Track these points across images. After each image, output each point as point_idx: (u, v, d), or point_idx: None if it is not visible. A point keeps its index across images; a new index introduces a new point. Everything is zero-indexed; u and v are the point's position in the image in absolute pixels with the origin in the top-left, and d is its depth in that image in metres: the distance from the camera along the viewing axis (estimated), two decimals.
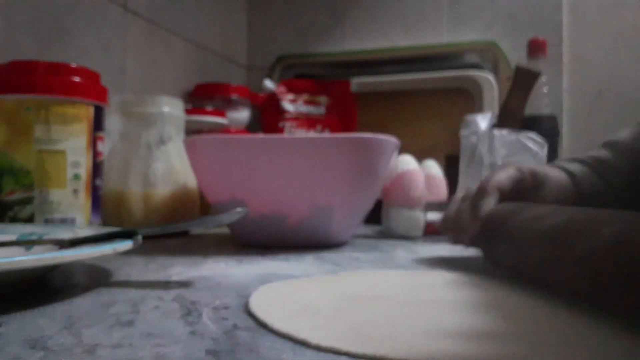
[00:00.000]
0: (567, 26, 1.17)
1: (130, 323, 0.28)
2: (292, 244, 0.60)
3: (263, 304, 0.31)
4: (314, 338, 0.25)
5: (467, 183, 0.67)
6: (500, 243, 0.41)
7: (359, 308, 0.30)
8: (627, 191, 0.52)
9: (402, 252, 0.58)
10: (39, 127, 0.56)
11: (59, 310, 0.31)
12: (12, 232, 0.46)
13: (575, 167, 0.52)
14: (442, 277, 0.41)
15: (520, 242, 0.38)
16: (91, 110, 0.60)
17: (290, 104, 1.21)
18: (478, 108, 1.09)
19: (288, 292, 0.35)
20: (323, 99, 1.22)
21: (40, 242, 0.43)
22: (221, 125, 0.99)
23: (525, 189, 0.48)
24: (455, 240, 0.49)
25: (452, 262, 0.50)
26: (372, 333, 0.26)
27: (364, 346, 0.23)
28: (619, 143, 0.54)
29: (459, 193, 0.67)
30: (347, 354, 0.23)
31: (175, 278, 0.41)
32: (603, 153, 0.55)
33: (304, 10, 1.35)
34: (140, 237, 0.40)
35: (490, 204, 0.45)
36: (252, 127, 1.20)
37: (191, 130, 0.87)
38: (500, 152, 0.66)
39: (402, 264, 0.49)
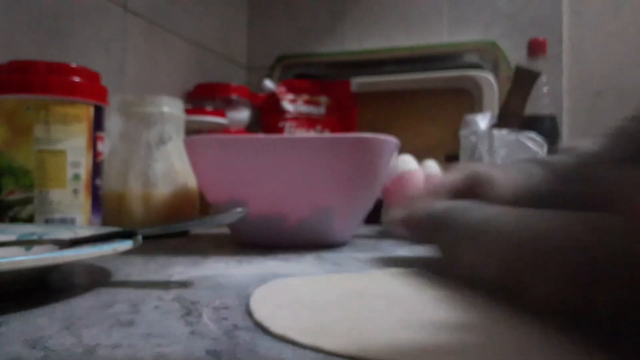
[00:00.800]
0: (567, 26, 1.17)
1: (130, 323, 0.28)
2: (292, 244, 0.60)
3: (263, 306, 0.31)
4: (313, 340, 0.25)
5: None
6: (443, 239, 0.41)
7: (358, 306, 0.30)
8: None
9: (403, 252, 0.58)
10: (38, 127, 0.56)
11: (59, 310, 0.31)
12: (12, 232, 0.46)
13: (529, 167, 0.52)
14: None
15: (471, 234, 0.37)
16: (91, 110, 0.60)
17: (290, 104, 1.21)
18: (478, 108, 1.09)
19: (289, 292, 0.35)
20: (323, 99, 1.22)
21: (40, 242, 0.43)
22: (221, 125, 0.99)
23: (472, 188, 0.48)
24: (412, 239, 0.49)
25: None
26: (368, 336, 0.25)
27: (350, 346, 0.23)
28: (574, 151, 0.54)
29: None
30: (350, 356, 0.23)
31: (175, 278, 0.41)
32: (563, 157, 0.54)
33: (304, 10, 1.35)
34: (140, 237, 0.40)
35: (440, 204, 0.45)
36: (252, 127, 1.20)
37: (191, 130, 0.87)
38: (500, 152, 0.66)
39: (403, 264, 0.49)
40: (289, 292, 0.35)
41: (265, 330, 0.27)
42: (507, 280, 0.33)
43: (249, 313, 0.30)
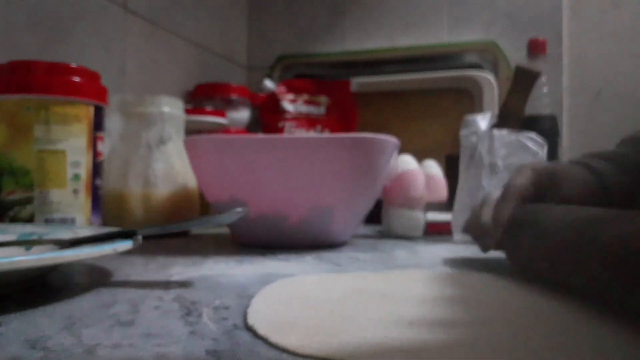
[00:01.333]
0: (567, 26, 1.17)
1: (130, 323, 0.28)
2: (292, 244, 0.60)
3: (262, 315, 0.31)
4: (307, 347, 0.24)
5: (467, 183, 0.67)
6: (521, 242, 0.41)
7: (356, 305, 0.30)
8: None
9: (402, 252, 0.58)
10: (38, 127, 0.56)
11: (59, 310, 0.31)
12: (12, 232, 0.46)
13: (598, 163, 0.52)
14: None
15: (541, 232, 0.38)
16: (91, 110, 0.60)
17: (290, 104, 1.21)
18: (478, 108, 1.09)
19: (290, 294, 0.35)
20: (323, 99, 1.22)
21: (40, 242, 0.43)
22: (221, 125, 0.99)
23: (542, 190, 0.48)
24: (481, 246, 0.49)
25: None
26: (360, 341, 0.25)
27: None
28: (637, 138, 0.54)
29: (460, 195, 0.67)
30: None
31: (175, 278, 0.41)
32: (623, 149, 0.54)
33: (304, 10, 1.35)
34: (140, 237, 0.40)
35: (510, 209, 0.45)
36: (252, 127, 1.20)
37: (191, 130, 0.87)
38: (500, 152, 0.66)
39: (402, 264, 0.49)
40: (294, 292, 0.35)
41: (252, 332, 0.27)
42: (582, 276, 0.33)
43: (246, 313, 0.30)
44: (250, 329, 0.27)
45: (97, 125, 0.61)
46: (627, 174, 0.49)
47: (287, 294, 0.35)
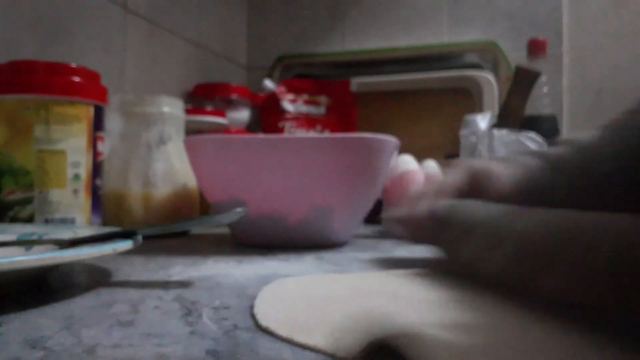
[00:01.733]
0: (567, 26, 1.17)
1: (130, 323, 0.28)
2: (292, 244, 0.60)
3: (268, 308, 0.31)
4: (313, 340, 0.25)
5: None
6: (460, 239, 0.41)
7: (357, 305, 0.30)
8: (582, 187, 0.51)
9: (402, 252, 0.58)
10: (39, 127, 0.56)
11: (58, 310, 0.31)
12: (12, 232, 0.46)
13: (528, 161, 0.52)
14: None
15: (486, 243, 0.37)
16: (91, 110, 0.60)
17: (290, 104, 1.21)
18: (478, 108, 1.10)
19: (294, 292, 0.35)
20: (323, 99, 1.22)
21: (40, 242, 0.43)
22: (221, 125, 0.99)
23: (475, 186, 0.48)
24: (412, 238, 0.49)
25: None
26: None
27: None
28: (579, 142, 0.53)
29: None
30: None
31: (175, 278, 0.41)
32: (561, 149, 0.54)
33: (304, 11, 1.35)
34: (140, 237, 0.40)
35: (443, 205, 0.45)
36: (252, 127, 1.20)
37: (191, 130, 0.87)
38: (500, 152, 0.66)
39: (403, 264, 0.49)
40: (293, 291, 0.35)
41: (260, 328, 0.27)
42: (512, 276, 0.33)
43: (251, 310, 0.30)
44: (265, 331, 0.27)
45: (97, 125, 0.61)
46: (560, 173, 0.49)
47: (291, 293, 0.35)
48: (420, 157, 0.78)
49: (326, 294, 0.34)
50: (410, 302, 0.32)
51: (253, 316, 0.30)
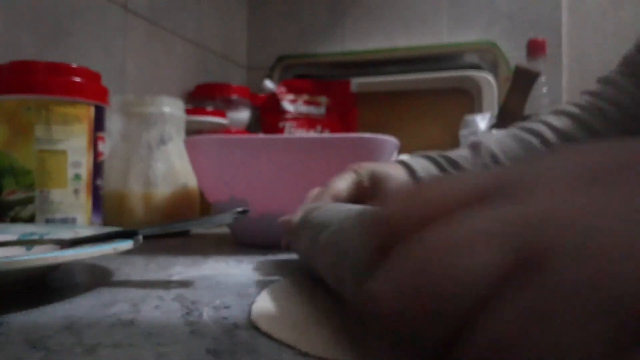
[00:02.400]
0: (566, 26, 1.17)
1: (130, 322, 0.28)
2: None
3: (266, 312, 0.31)
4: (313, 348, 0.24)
5: None
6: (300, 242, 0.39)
7: None
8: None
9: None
10: (39, 127, 0.56)
11: (59, 310, 0.31)
12: (13, 232, 0.46)
13: (417, 162, 0.52)
14: None
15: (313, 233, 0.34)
16: (92, 111, 0.60)
17: (290, 104, 1.21)
18: (477, 108, 1.10)
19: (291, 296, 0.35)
20: (323, 99, 1.22)
21: (41, 242, 0.43)
22: (222, 125, 1.00)
23: (363, 190, 0.47)
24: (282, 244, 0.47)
25: None
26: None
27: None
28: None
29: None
30: None
31: (175, 278, 0.42)
32: (463, 152, 0.54)
33: (304, 11, 1.35)
34: (140, 237, 0.40)
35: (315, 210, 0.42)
36: (252, 127, 1.20)
37: (192, 131, 0.87)
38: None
39: None
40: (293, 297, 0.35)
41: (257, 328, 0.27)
42: (330, 279, 0.29)
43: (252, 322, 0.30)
44: (253, 326, 0.27)
45: (98, 125, 0.61)
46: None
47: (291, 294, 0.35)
48: None
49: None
50: None
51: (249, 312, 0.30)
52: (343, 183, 0.46)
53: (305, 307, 0.31)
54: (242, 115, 1.14)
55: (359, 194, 0.47)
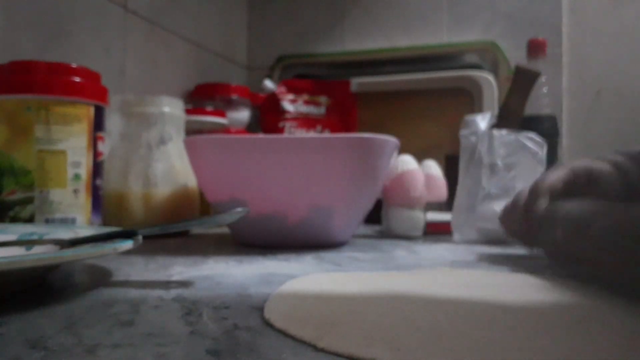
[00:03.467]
0: (566, 26, 1.17)
1: (130, 323, 0.28)
2: (292, 243, 0.60)
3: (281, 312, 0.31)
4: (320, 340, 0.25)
5: (466, 183, 0.67)
6: (557, 236, 0.42)
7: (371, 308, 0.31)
8: None
9: (402, 252, 0.58)
10: (39, 127, 0.56)
11: (59, 310, 0.31)
12: (13, 232, 0.46)
13: (622, 160, 0.53)
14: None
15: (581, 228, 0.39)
16: (91, 110, 0.60)
17: (290, 104, 1.21)
18: (478, 108, 1.10)
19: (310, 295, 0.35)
20: (323, 99, 1.22)
21: (40, 242, 0.43)
22: (221, 125, 1.00)
23: (577, 188, 0.49)
24: (511, 237, 0.53)
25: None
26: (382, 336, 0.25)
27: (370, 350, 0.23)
28: None
29: (460, 195, 0.68)
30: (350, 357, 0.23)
31: (175, 278, 0.42)
32: None
33: (304, 11, 1.35)
34: (140, 237, 0.40)
35: (541, 205, 0.47)
36: (252, 127, 1.20)
37: (191, 130, 0.87)
38: (500, 152, 0.66)
39: (403, 264, 0.50)
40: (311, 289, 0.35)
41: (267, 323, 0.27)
42: (616, 269, 0.34)
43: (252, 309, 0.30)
44: (267, 323, 0.27)
45: (98, 125, 0.61)
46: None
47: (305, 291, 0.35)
48: (420, 157, 0.78)
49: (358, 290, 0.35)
50: (415, 301, 0.32)
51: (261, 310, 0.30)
52: (556, 178, 0.49)
53: (322, 304, 0.31)
54: (242, 115, 1.14)
55: (571, 191, 0.49)
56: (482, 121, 0.67)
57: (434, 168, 0.79)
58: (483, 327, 0.27)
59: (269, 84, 1.21)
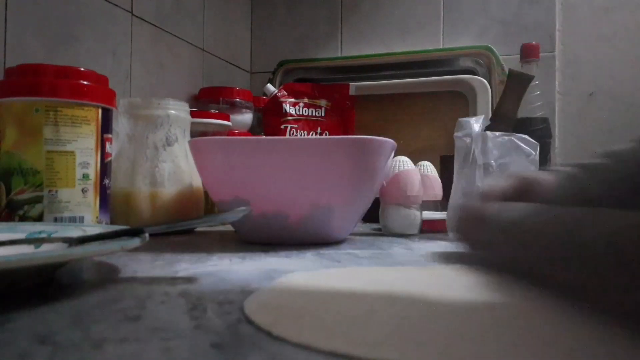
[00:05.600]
0: (559, 31, 1.18)
1: (137, 318, 0.28)
2: (293, 241, 0.61)
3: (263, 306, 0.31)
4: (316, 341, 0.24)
5: (461, 182, 0.69)
6: (498, 239, 0.43)
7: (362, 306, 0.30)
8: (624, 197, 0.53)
9: (399, 249, 0.59)
10: (48, 128, 0.57)
11: (67, 306, 0.31)
12: (22, 230, 0.46)
13: (577, 171, 0.53)
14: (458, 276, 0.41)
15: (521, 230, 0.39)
16: (99, 113, 0.61)
17: (291, 107, 1.22)
18: (472, 111, 1.10)
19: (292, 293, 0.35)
20: (323, 102, 1.23)
21: (49, 240, 0.43)
22: (225, 127, 1.00)
23: (520, 194, 0.49)
24: (460, 241, 0.51)
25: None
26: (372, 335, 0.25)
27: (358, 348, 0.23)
28: (617, 152, 0.55)
29: (455, 194, 0.69)
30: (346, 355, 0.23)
31: (180, 274, 0.42)
32: (601, 160, 0.56)
33: (304, 18, 1.37)
34: (146, 235, 0.40)
35: (491, 208, 0.47)
36: (255, 129, 1.21)
37: (196, 132, 0.88)
38: (493, 153, 0.67)
39: (400, 261, 0.50)
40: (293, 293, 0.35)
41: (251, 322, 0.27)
42: (541, 270, 0.35)
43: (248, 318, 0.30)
44: (247, 319, 0.27)
45: (105, 127, 0.62)
46: (605, 184, 0.50)
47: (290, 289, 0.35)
48: (416, 158, 0.79)
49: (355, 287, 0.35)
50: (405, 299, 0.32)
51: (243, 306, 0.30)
52: (505, 184, 0.50)
53: (304, 300, 0.31)
54: (245, 117, 1.15)
55: (516, 196, 0.49)
56: (476, 123, 0.68)
57: (429, 168, 0.80)
58: (446, 322, 0.27)
59: (271, 87, 1.22)
